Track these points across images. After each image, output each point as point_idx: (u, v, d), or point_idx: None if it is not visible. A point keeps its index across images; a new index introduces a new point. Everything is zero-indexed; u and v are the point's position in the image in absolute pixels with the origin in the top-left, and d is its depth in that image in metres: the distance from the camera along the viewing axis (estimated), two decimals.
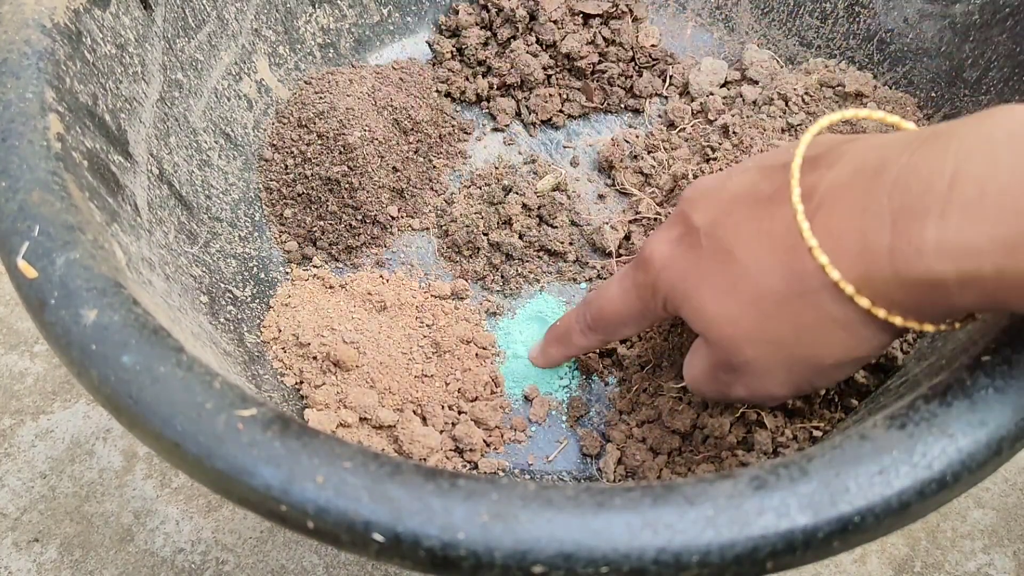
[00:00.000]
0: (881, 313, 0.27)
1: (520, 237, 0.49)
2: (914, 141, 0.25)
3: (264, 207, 0.50)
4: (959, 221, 0.23)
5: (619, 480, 0.42)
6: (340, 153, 0.49)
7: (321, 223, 0.49)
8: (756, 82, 0.53)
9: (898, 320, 0.27)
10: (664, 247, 0.33)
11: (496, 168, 0.53)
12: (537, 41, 0.55)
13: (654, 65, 0.57)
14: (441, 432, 0.42)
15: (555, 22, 0.55)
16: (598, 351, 0.45)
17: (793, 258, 0.28)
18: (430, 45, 0.58)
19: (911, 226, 0.24)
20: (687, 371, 0.36)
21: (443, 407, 0.43)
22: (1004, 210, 0.22)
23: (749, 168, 0.32)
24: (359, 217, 0.50)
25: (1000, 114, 0.24)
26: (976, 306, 0.25)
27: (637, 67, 0.56)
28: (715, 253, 0.30)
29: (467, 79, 0.57)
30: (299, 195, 0.49)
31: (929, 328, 0.27)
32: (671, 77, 0.56)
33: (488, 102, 0.56)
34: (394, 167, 0.51)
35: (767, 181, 0.30)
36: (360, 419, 0.41)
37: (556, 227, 0.49)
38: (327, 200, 0.49)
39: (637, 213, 0.49)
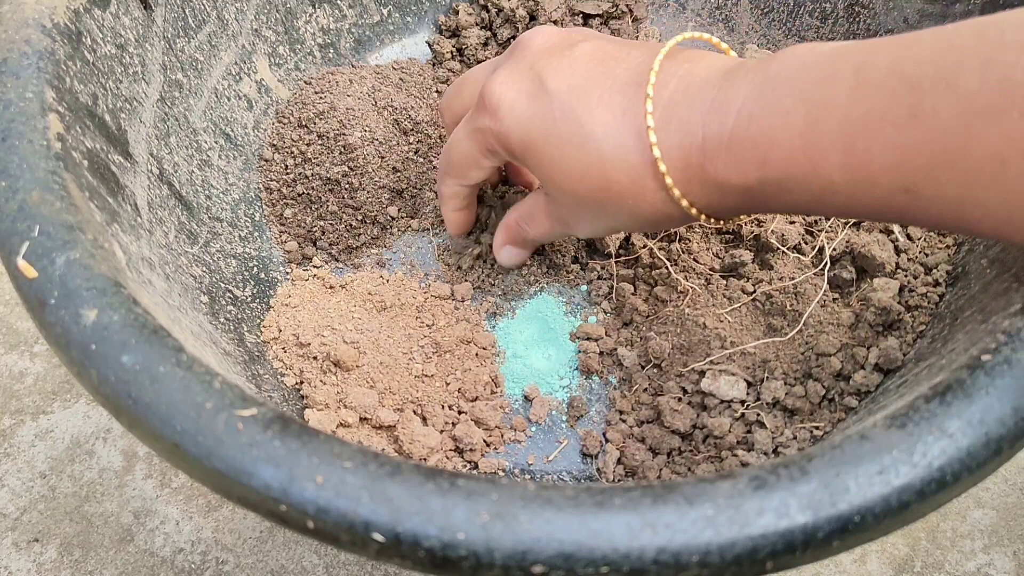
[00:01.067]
0: (684, 203, 0.33)
1: None
2: (731, 71, 0.31)
3: (264, 207, 0.50)
4: (737, 147, 0.30)
5: (618, 480, 0.42)
6: (340, 153, 0.49)
7: (321, 223, 0.49)
8: None
9: (694, 212, 0.33)
10: (514, 96, 0.36)
11: None
12: None
13: None
14: (441, 432, 0.42)
15: (555, 22, 0.55)
16: (599, 350, 0.45)
17: (638, 150, 0.32)
18: (430, 45, 0.58)
19: (711, 145, 0.31)
20: (532, 227, 0.42)
21: (443, 407, 0.43)
22: (759, 145, 0.29)
23: (604, 47, 0.36)
24: (359, 217, 0.50)
25: (781, 57, 0.30)
26: (748, 206, 0.32)
27: None
28: (567, 121, 0.34)
29: None
30: (299, 195, 0.49)
31: (704, 219, 0.34)
32: None
33: None
34: (394, 167, 0.51)
35: (625, 70, 0.34)
36: (360, 419, 0.41)
37: None
38: (327, 200, 0.49)
39: None
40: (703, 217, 0.34)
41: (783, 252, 0.43)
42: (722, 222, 0.35)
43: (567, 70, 0.34)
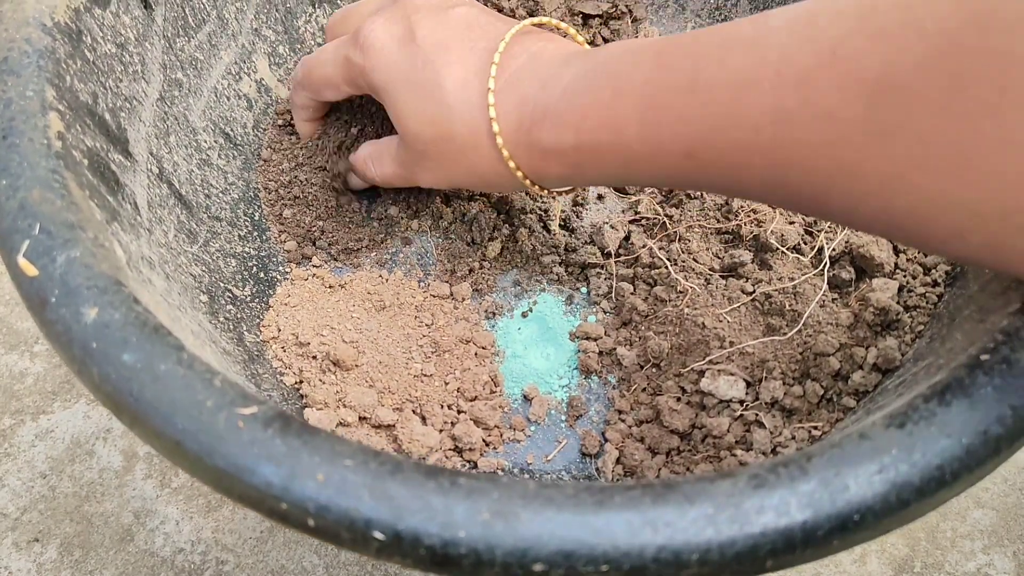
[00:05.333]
0: (512, 164, 0.37)
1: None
2: (572, 55, 0.35)
3: (263, 207, 0.50)
4: (558, 116, 0.34)
5: (617, 479, 0.42)
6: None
7: (320, 223, 0.49)
8: None
9: (519, 174, 0.37)
10: (386, 39, 0.39)
11: None
12: None
13: None
14: (440, 431, 0.42)
15: None
16: (598, 350, 0.45)
17: (480, 108, 0.36)
18: None
19: (539, 114, 0.35)
20: (377, 168, 0.45)
21: (442, 406, 0.43)
22: (575, 116, 0.33)
23: (476, 15, 0.39)
24: (359, 218, 0.49)
25: (609, 46, 0.34)
26: (568, 173, 0.36)
27: None
28: (426, 71, 0.37)
29: None
30: (298, 195, 0.49)
31: (530, 185, 0.38)
32: None
33: None
34: None
35: (485, 38, 0.38)
36: (359, 418, 0.41)
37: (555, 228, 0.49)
38: (326, 200, 0.49)
39: (637, 213, 0.49)
40: (529, 182, 0.37)
41: (782, 252, 0.44)
42: (554, 193, 0.40)
43: (437, 27, 0.38)
